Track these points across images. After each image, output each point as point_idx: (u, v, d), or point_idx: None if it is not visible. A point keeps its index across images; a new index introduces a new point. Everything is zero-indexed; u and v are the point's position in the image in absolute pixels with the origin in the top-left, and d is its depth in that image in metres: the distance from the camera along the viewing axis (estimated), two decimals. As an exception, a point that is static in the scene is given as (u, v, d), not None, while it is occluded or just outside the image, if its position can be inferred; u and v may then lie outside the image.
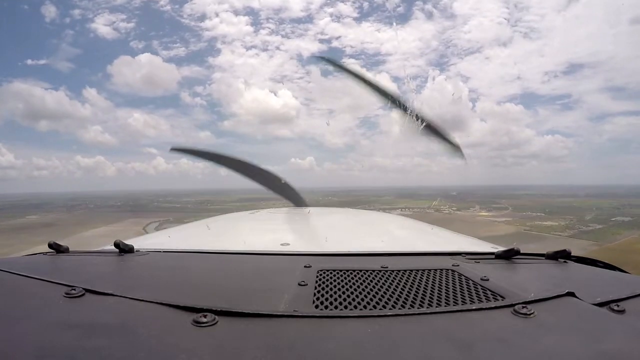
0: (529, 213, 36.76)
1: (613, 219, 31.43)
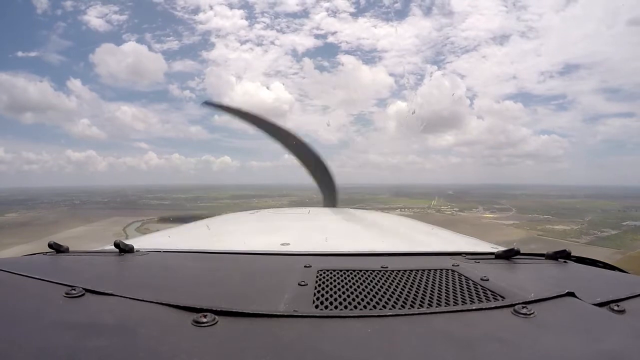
0: (535, 215, 35.43)
1: (624, 224, 30.29)
